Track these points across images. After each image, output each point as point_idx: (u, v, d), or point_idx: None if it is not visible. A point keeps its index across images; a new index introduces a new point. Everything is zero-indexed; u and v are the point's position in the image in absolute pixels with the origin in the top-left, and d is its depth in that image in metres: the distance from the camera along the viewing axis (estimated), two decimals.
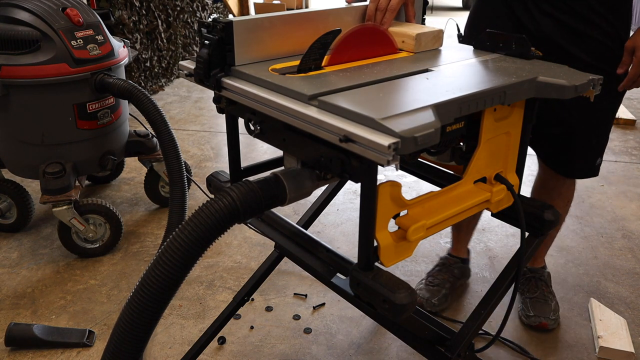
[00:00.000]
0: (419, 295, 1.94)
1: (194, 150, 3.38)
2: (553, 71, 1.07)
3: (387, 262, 0.97)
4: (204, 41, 1.03)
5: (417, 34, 1.21)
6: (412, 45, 1.22)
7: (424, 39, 1.22)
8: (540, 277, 1.97)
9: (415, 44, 1.21)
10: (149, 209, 2.67)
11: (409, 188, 2.86)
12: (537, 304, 1.88)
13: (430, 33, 1.23)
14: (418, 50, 1.22)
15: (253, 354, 1.76)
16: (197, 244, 0.91)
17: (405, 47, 1.23)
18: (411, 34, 1.21)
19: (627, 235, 2.46)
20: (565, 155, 1.69)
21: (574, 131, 1.63)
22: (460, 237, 2.08)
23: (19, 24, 2.05)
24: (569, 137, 1.65)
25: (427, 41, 1.23)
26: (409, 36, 1.22)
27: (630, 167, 3.18)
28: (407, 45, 1.23)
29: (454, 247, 2.10)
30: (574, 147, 1.67)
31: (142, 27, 4.27)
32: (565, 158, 1.71)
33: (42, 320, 1.91)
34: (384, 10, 1.24)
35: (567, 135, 1.64)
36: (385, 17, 1.24)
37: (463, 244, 2.09)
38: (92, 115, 2.20)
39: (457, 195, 1.07)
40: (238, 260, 2.26)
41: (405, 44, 1.23)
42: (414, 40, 1.21)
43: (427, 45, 1.24)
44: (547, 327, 1.84)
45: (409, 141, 0.77)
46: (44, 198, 2.13)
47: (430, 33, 1.23)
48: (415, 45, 1.22)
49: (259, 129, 1.06)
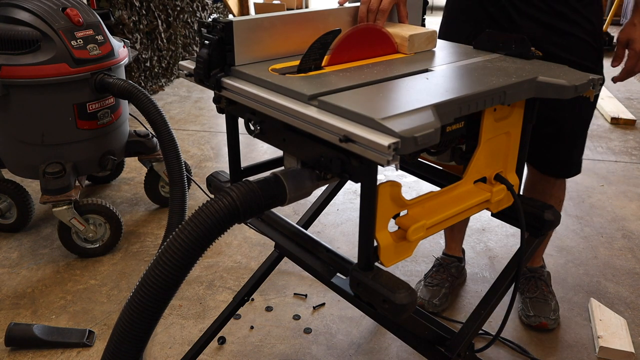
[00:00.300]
0: (419, 296, 1.94)
1: (194, 150, 3.38)
2: (553, 71, 1.07)
3: (387, 262, 0.97)
4: (204, 41, 1.03)
5: (410, 35, 1.20)
6: (405, 46, 1.21)
7: (417, 40, 1.21)
8: (540, 276, 1.97)
9: (408, 45, 1.20)
10: (149, 209, 2.67)
11: (409, 188, 2.86)
12: (537, 304, 1.88)
13: (424, 34, 1.22)
14: (411, 51, 1.21)
15: (253, 354, 1.76)
16: (197, 244, 0.91)
17: (399, 49, 1.23)
18: (404, 35, 1.20)
19: (627, 235, 2.46)
20: (554, 155, 1.70)
21: (563, 129, 1.64)
22: (453, 236, 2.08)
23: (19, 24, 2.05)
24: (558, 136, 1.65)
25: (420, 42, 1.22)
26: (402, 37, 1.21)
27: (630, 167, 3.18)
28: (400, 47, 1.22)
29: (448, 246, 2.10)
30: (562, 146, 1.67)
31: (142, 27, 4.27)
32: (553, 158, 1.71)
33: (42, 320, 1.91)
34: (376, 12, 1.23)
35: (556, 135, 1.65)
36: (377, 19, 1.23)
37: (457, 242, 2.09)
38: (92, 115, 2.20)
39: (457, 195, 1.07)
40: (238, 260, 2.26)
41: (399, 46, 1.22)
42: (407, 42, 1.20)
43: (420, 47, 1.23)
44: (547, 327, 1.84)
45: (409, 141, 0.77)
46: (44, 198, 2.13)
47: (424, 34, 1.22)
48: (408, 47, 1.20)
49: (259, 129, 1.06)
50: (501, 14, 1.54)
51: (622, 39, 1.52)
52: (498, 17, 1.55)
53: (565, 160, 1.71)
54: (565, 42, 1.51)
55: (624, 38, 1.51)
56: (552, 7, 1.49)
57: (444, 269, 2.03)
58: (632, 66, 1.52)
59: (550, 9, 1.50)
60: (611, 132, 3.71)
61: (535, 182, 1.81)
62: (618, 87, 4.63)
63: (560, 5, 1.49)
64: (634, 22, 1.51)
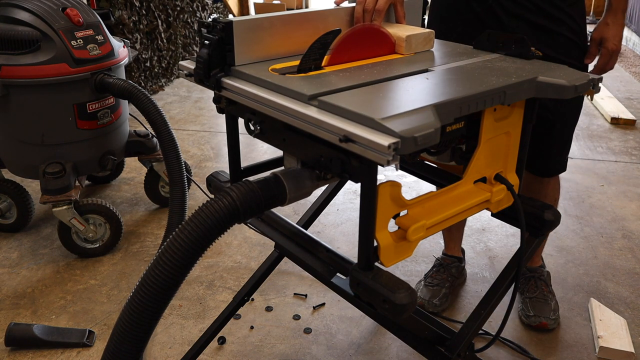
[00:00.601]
0: (420, 296, 1.94)
1: (194, 150, 3.38)
2: (553, 71, 1.07)
3: (387, 262, 0.97)
4: (204, 41, 1.03)
5: (407, 36, 1.18)
6: (403, 47, 1.19)
7: (414, 40, 1.20)
8: (540, 276, 1.97)
9: (405, 45, 1.19)
10: (149, 209, 2.67)
11: (409, 188, 2.86)
12: (537, 304, 1.88)
13: (421, 35, 1.21)
14: (409, 52, 1.20)
15: (253, 354, 1.76)
16: (197, 244, 0.91)
17: (396, 49, 1.21)
18: (401, 35, 1.19)
19: (627, 235, 2.46)
20: (545, 152, 1.71)
21: (554, 127, 1.65)
22: (452, 236, 2.08)
23: (19, 24, 2.05)
24: (549, 134, 1.66)
25: (417, 43, 1.21)
26: (399, 38, 1.20)
27: (630, 167, 3.18)
28: (398, 47, 1.21)
29: (447, 246, 2.10)
30: (552, 143, 1.68)
31: (142, 27, 4.27)
32: (543, 156, 1.72)
33: (42, 320, 1.91)
34: (372, 12, 1.22)
35: (547, 132, 1.65)
36: (373, 19, 1.22)
37: (456, 242, 2.09)
38: (92, 115, 2.20)
39: (457, 195, 1.07)
40: (238, 260, 2.26)
41: (396, 46, 1.21)
42: (405, 42, 1.19)
43: (417, 47, 1.22)
44: (547, 326, 1.84)
45: (409, 141, 0.77)
46: (44, 198, 2.13)
47: (421, 35, 1.21)
48: (405, 47, 1.19)
49: (259, 129, 1.06)
50: (488, 13, 1.55)
51: (595, 38, 1.56)
52: (484, 16, 1.56)
53: (554, 157, 1.72)
54: (551, 41, 1.53)
55: (597, 37, 1.56)
56: (539, 6, 1.51)
57: (444, 269, 2.03)
58: (603, 64, 1.56)
59: (536, 8, 1.51)
60: (611, 132, 3.71)
61: (529, 184, 1.81)
62: (618, 87, 4.63)
63: (546, 4, 1.51)
64: (607, 22, 1.55)
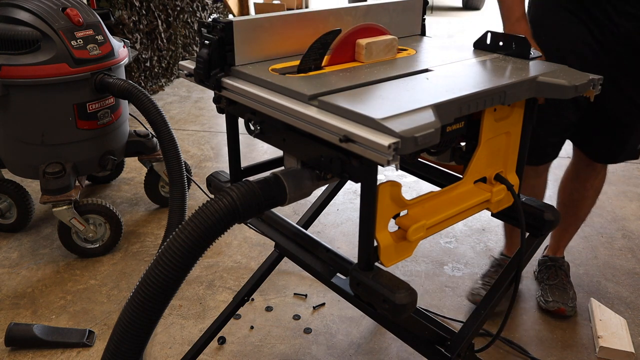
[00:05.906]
0: (479, 295, 1.93)
1: (194, 150, 3.38)
2: (553, 71, 1.07)
3: (387, 262, 0.97)
4: (204, 41, 1.03)
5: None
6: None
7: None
8: (561, 266, 2.02)
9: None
10: (149, 209, 2.67)
11: (409, 188, 2.86)
12: (557, 291, 1.93)
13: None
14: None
15: (253, 354, 1.76)
16: (197, 244, 0.91)
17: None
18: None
19: (627, 235, 2.46)
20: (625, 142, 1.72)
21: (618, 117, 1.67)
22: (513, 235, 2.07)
23: (19, 24, 2.05)
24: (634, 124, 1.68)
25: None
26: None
27: (630, 167, 3.18)
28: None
29: (507, 247, 2.09)
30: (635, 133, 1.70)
31: (142, 27, 4.27)
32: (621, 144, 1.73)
33: (42, 320, 1.91)
34: None
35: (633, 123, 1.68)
36: None
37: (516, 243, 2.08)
38: (92, 115, 2.20)
39: (457, 195, 1.07)
40: (238, 260, 2.26)
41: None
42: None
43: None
44: (565, 313, 1.88)
45: (409, 141, 0.77)
46: (44, 198, 2.13)
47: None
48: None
49: (259, 129, 1.06)
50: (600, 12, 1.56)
51: None
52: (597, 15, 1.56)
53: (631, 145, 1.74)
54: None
55: None
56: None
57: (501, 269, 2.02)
58: None
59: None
60: None
61: (579, 170, 1.83)
62: None
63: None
64: None
